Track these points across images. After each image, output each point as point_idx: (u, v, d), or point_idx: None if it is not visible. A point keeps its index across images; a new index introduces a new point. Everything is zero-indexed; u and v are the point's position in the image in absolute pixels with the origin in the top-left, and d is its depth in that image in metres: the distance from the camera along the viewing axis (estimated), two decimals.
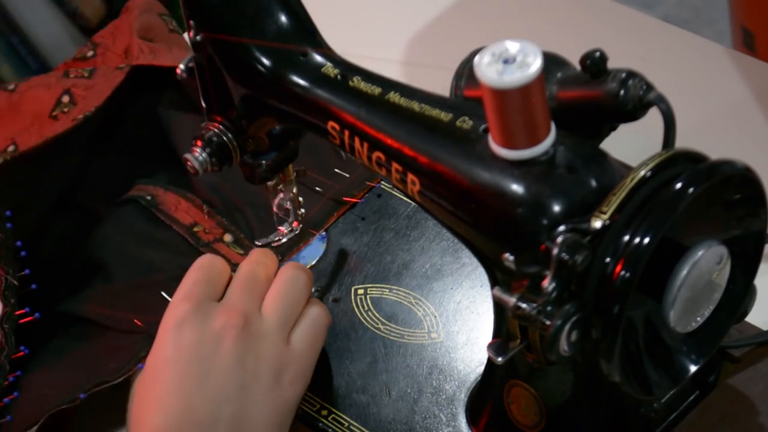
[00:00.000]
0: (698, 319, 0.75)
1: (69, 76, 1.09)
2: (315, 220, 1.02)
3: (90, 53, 1.13)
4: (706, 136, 1.00)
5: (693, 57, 1.17)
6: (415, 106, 0.80)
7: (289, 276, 0.87)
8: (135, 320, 0.97)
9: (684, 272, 0.71)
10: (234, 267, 0.89)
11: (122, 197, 1.08)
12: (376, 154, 0.81)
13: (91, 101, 1.07)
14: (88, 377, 0.93)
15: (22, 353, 0.96)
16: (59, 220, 1.07)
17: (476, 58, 0.71)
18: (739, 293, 0.77)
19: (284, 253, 0.99)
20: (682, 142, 0.74)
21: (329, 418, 0.89)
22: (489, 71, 0.70)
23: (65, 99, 1.08)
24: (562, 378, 0.79)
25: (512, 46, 0.70)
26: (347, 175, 1.04)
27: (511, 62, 0.70)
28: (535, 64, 0.70)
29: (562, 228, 0.71)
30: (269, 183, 0.96)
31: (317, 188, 1.04)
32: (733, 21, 1.45)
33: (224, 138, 0.91)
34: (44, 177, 1.06)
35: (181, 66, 0.91)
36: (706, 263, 0.72)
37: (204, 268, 0.87)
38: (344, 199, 1.03)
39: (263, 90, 0.88)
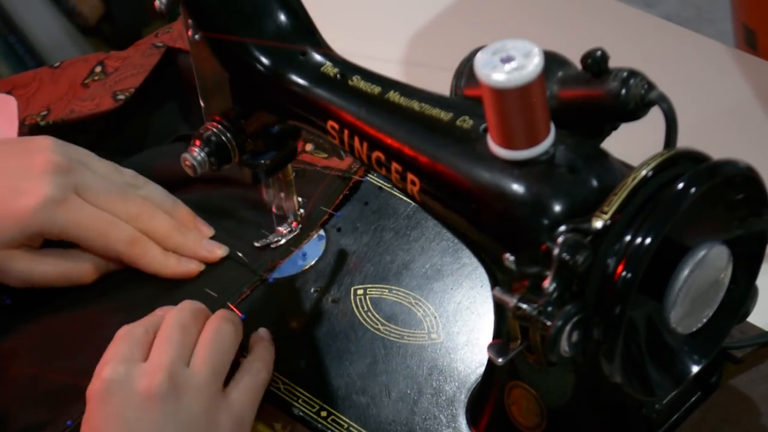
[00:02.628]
0: (700, 319, 0.75)
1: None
2: (321, 200, 1.02)
3: (98, 69, 1.14)
4: (708, 135, 0.99)
5: (694, 56, 1.16)
6: (415, 105, 0.79)
7: (214, 328, 0.87)
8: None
9: (686, 273, 0.71)
10: None
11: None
12: (376, 153, 0.81)
13: (128, 76, 1.09)
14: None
15: None
16: None
17: (476, 58, 0.71)
18: (741, 294, 0.77)
19: (284, 253, 0.99)
20: (683, 142, 0.74)
21: (328, 420, 0.89)
22: (489, 71, 0.70)
23: (98, 69, 1.12)
24: (563, 379, 0.79)
25: (513, 46, 0.70)
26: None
27: (512, 62, 0.70)
28: (536, 64, 0.69)
29: (563, 228, 0.71)
30: (268, 183, 0.96)
31: (322, 167, 1.03)
32: (735, 20, 1.45)
33: (223, 137, 0.91)
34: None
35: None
36: (708, 264, 0.72)
37: (130, 327, 0.86)
38: (354, 178, 1.03)
39: (262, 89, 0.87)
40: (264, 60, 0.86)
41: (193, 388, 0.83)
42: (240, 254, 0.99)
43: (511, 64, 0.70)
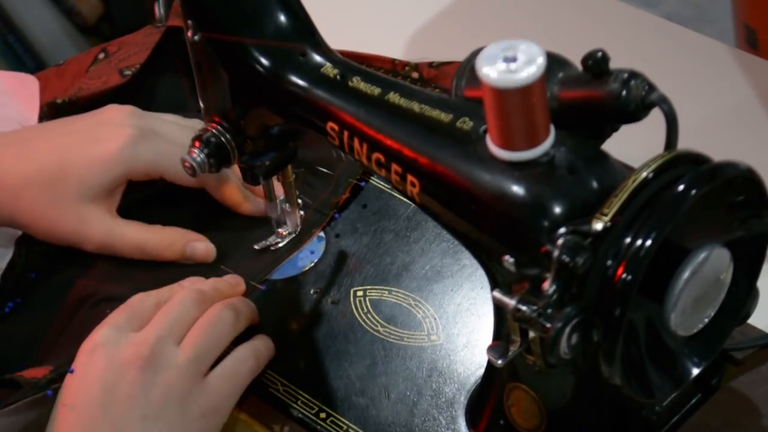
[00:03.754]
0: (701, 321, 0.74)
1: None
2: (324, 202, 1.02)
3: (101, 55, 1.14)
4: (709, 135, 0.99)
5: (695, 55, 1.16)
6: (415, 106, 0.79)
7: (214, 312, 0.89)
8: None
9: (686, 275, 0.71)
10: None
11: None
12: (376, 155, 0.81)
13: (131, 54, 1.11)
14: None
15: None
16: None
17: (477, 58, 0.70)
18: (742, 295, 0.77)
19: (283, 255, 0.99)
20: (684, 142, 0.74)
21: (328, 421, 0.89)
22: (490, 71, 0.69)
23: (101, 56, 1.14)
24: (562, 381, 0.78)
25: (513, 46, 0.70)
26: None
27: (513, 62, 0.69)
28: (537, 64, 0.69)
29: (562, 230, 0.70)
30: (267, 184, 0.96)
31: (324, 169, 1.03)
32: (736, 19, 1.45)
33: (222, 138, 0.91)
34: None
35: None
36: (708, 266, 0.72)
37: (137, 297, 0.89)
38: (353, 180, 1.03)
39: (262, 90, 0.87)
40: (263, 61, 0.86)
41: (173, 367, 0.85)
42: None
43: (512, 65, 0.69)
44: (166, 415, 0.84)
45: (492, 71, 0.69)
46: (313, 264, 0.99)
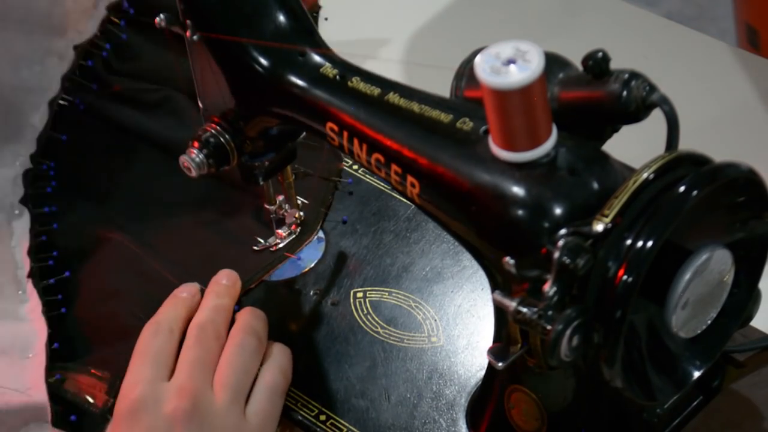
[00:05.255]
0: (702, 323, 0.74)
1: None
2: (317, 199, 1.02)
3: None
4: (710, 136, 0.99)
5: (696, 55, 1.16)
6: (415, 107, 0.79)
7: (236, 343, 0.88)
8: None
9: (687, 276, 0.71)
10: None
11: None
12: (375, 155, 0.80)
13: None
14: None
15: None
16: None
17: (477, 59, 0.70)
18: (743, 297, 0.77)
19: (283, 256, 0.99)
20: (685, 142, 0.74)
21: (327, 423, 0.88)
22: (490, 72, 0.69)
23: None
24: (563, 383, 0.78)
25: (513, 46, 0.70)
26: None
27: (513, 63, 0.69)
28: (537, 65, 0.69)
29: (563, 231, 0.70)
30: (267, 184, 0.96)
31: (308, 171, 1.03)
32: (738, 18, 1.45)
33: (221, 139, 0.90)
34: None
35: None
36: (709, 267, 0.72)
37: (151, 341, 0.87)
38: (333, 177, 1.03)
39: (261, 90, 0.87)
40: (263, 61, 0.86)
41: (214, 413, 0.84)
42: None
43: (512, 66, 0.69)
44: None
45: (491, 73, 0.69)
46: (312, 265, 0.99)
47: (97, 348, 0.95)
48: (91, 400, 0.91)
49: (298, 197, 0.99)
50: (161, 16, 0.88)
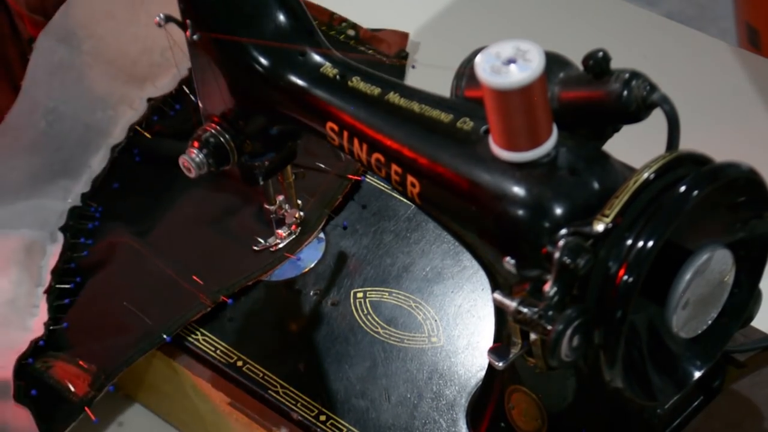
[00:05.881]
0: (703, 324, 0.74)
1: None
2: (322, 200, 1.01)
3: None
4: (710, 135, 0.99)
5: (697, 55, 1.16)
6: (415, 106, 0.79)
7: None
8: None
9: (688, 276, 0.71)
10: None
11: None
12: (376, 155, 0.80)
13: None
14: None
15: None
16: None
17: (477, 58, 0.70)
18: (744, 297, 0.77)
19: (283, 256, 0.98)
20: (685, 142, 0.74)
21: (327, 424, 0.88)
22: (490, 71, 0.69)
23: None
24: (563, 383, 0.78)
25: (514, 46, 0.70)
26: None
27: (513, 62, 0.69)
28: (537, 65, 0.69)
29: (563, 231, 0.70)
30: (267, 185, 0.95)
31: (321, 165, 1.03)
32: (738, 18, 1.44)
33: (221, 139, 0.90)
34: None
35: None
36: (710, 267, 0.72)
37: None
38: (348, 176, 1.02)
39: (261, 90, 0.87)
40: (263, 60, 0.86)
41: None
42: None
43: (512, 65, 0.69)
44: None
45: (491, 73, 0.69)
46: (312, 265, 0.99)
47: (89, 341, 0.95)
48: (72, 388, 0.92)
49: (300, 199, 0.99)
50: (161, 15, 0.88)
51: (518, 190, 0.72)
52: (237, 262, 0.98)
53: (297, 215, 0.99)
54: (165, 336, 0.93)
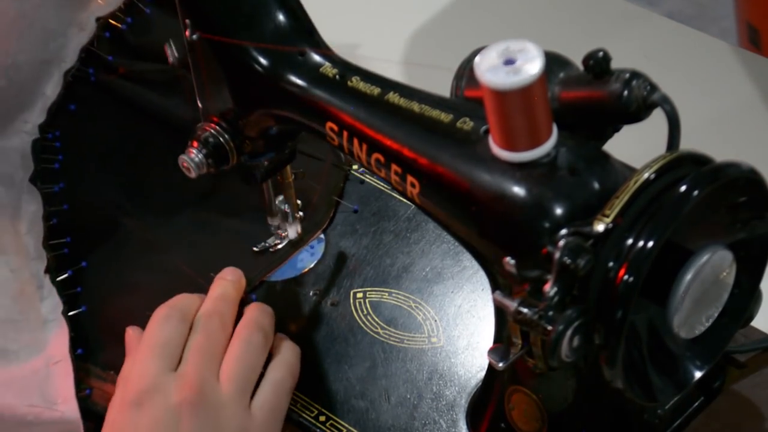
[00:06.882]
0: (703, 324, 0.74)
1: None
2: (324, 195, 1.01)
3: None
4: (711, 136, 0.99)
5: (698, 54, 1.16)
6: (415, 106, 0.79)
7: (243, 339, 0.87)
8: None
9: (688, 277, 0.70)
10: None
11: None
12: (375, 155, 0.80)
13: None
14: None
15: None
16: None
17: (477, 59, 0.70)
18: (745, 298, 0.76)
19: (282, 256, 0.98)
20: (686, 142, 0.73)
21: (327, 424, 0.88)
22: (490, 72, 0.69)
23: None
24: (563, 384, 0.78)
25: (514, 46, 0.69)
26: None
27: (513, 62, 0.69)
28: (537, 65, 0.69)
29: (564, 231, 0.70)
30: (267, 185, 0.95)
31: (318, 156, 1.02)
32: (739, 18, 1.44)
33: (221, 139, 0.90)
34: None
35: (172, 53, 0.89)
36: (711, 267, 0.71)
37: (159, 330, 0.87)
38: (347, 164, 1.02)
39: (260, 90, 0.87)
40: (262, 60, 0.85)
41: (221, 406, 0.84)
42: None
43: (512, 66, 0.69)
44: None
45: (491, 73, 0.69)
46: (312, 265, 0.98)
47: (118, 348, 0.95)
48: None
49: (311, 197, 0.99)
50: (173, 53, 0.88)
51: (518, 190, 0.72)
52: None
53: (297, 215, 0.98)
54: None
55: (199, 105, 0.92)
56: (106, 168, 1.06)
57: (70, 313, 0.96)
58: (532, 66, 0.68)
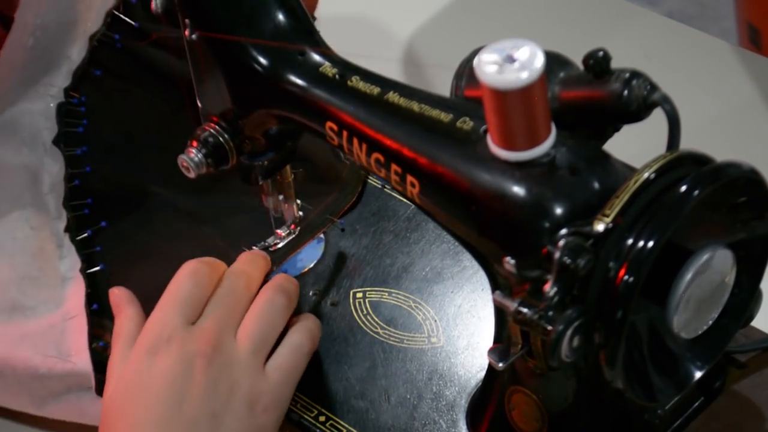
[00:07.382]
0: (703, 324, 0.74)
1: None
2: (353, 169, 1.01)
3: None
4: (712, 135, 0.99)
5: (698, 54, 1.16)
6: (415, 106, 0.79)
7: (266, 298, 0.87)
8: None
9: (689, 277, 0.70)
10: None
11: None
12: (375, 155, 0.80)
13: None
14: None
15: None
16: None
17: (477, 58, 0.70)
18: (745, 298, 0.76)
19: (282, 256, 0.98)
20: (686, 142, 0.73)
21: (327, 425, 0.88)
22: (490, 71, 0.69)
23: None
24: (564, 384, 0.78)
25: (514, 46, 0.69)
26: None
27: (513, 62, 0.69)
28: (537, 64, 0.69)
29: (564, 231, 0.70)
30: (266, 185, 0.95)
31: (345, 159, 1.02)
32: (739, 18, 1.44)
33: (220, 138, 0.90)
34: None
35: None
36: (711, 267, 0.71)
37: (185, 283, 0.87)
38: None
39: (260, 90, 0.87)
40: (262, 60, 0.85)
41: (236, 361, 0.84)
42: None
43: (512, 65, 0.69)
44: (233, 411, 0.82)
45: (490, 72, 0.69)
46: (312, 265, 0.98)
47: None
48: None
49: (300, 199, 0.99)
50: (157, 2, 0.87)
51: (518, 190, 0.72)
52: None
53: (296, 215, 0.98)
54: None
55: (199, 105, 0.92)
56: (131, 136, 1.05)
57: (88, 271, 0.96)
58: (532, 65, 0.68)
